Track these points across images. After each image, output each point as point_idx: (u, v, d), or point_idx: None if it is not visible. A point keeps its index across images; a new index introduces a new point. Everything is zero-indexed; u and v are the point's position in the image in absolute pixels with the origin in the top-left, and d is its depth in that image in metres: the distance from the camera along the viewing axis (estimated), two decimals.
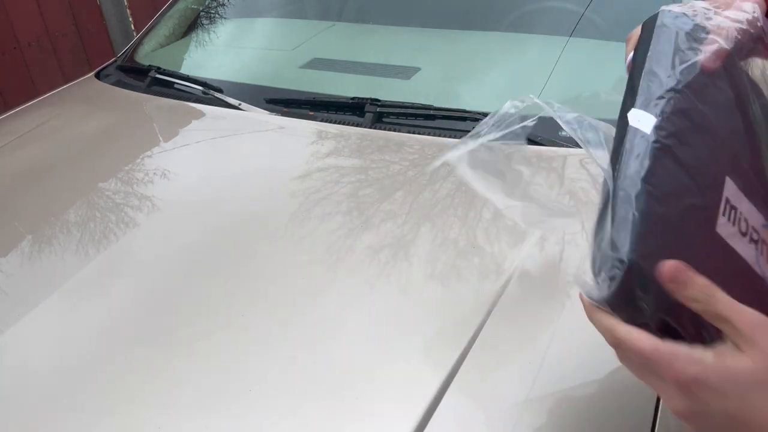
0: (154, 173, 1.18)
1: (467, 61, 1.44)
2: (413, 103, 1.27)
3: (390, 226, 0.97)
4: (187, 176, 1.17)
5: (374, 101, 1.29)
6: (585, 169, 1.07)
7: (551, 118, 0.60)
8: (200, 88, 1.47)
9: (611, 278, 0.48)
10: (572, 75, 1.33)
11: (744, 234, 0.52)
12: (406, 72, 1.40)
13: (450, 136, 1.21)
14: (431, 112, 1.24)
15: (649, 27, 0.60)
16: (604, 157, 0.54)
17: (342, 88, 1.36)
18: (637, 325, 0.47)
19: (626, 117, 0.53)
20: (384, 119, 1.28)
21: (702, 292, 0.45)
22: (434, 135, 1.22)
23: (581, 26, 1.43)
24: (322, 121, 1.30)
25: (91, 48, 3.24)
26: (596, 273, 0.49)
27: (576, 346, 0.74)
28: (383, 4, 1.75)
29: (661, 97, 0.53)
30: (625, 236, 0.47)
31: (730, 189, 0.52)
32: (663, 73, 0.54)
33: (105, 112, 1.49)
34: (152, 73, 1.56)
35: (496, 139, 0.60)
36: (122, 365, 0.77)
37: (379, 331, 0.78)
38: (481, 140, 0.60)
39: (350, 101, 1.31)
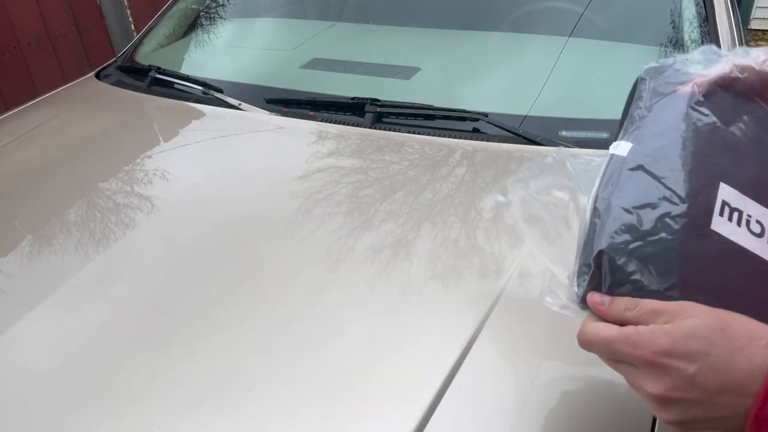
0: (154, 173, 1.18)
1: (467, 61, 1.44)
2: (413, 103, 1.27)
3: (390, 226, 0.97)
4: (187, 176, 1.17)
5: (374, 101, 1.29)
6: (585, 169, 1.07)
7: (552, 119, 0.62)
8: (200, 88, 1.47)
9: (583, 273, 0.55)
10: (572, 75, 1.33)
11: (759, 234, 0.54)
12: (406, 72, 1.40)
13: (450, 136, 1.21)
14: (431, 112, 1.25)
15: (635, 84, 0.65)
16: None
17: (342, 88, 1.36)
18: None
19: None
20: (384, 119, 1.28)
21: (627, 302, 0.50)
22: (434, 135, 1.22)
23: (581, 26, 1.44)
24: (322, 121, 1.30)
25: (91, 48, 3.24)
26: (573, 284, 0.56)
27: (576, 345, 0.74)
28: (383, 4, 1.75)
29: (636, 127, 0.58)
30: (591, 243, 0.54)
31: (727, 192, 0.54)
32: (637, 111, 0.60)
33: (105, 112, 1.49)
34: (152, 73, 1.56)
35: (541, 189, 0.66)
36: (122, 365, 0.77)
37: (379, 331, 0.78)
38: (530, 190, 0.65)
39: (350, 101, 1.31)
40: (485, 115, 1.21)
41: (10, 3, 2.78)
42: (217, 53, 1.69)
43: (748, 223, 0.54)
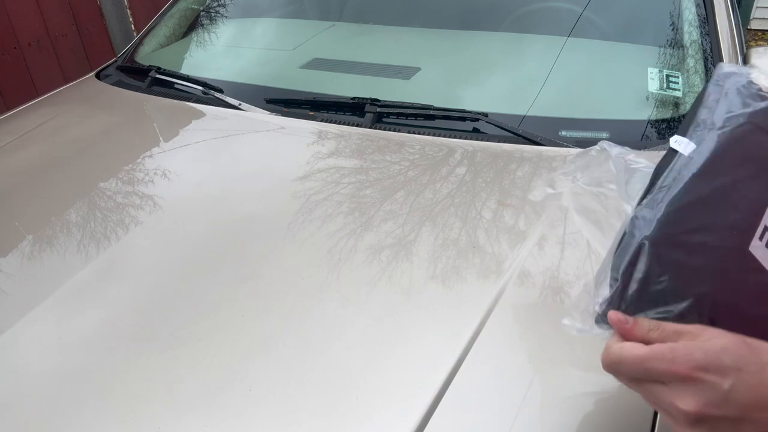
0: (155, 173, 1.18)
1: (467, 61, 1.44)
2: (413, 103, 1.27)
3: (390, 226, 0.97)
4: (187, 176, 1.17)
5: (374, 101, 1.29)
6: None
7: (552, 119, 0.62)
8: (200, 88, 1.47)
9: (615, 280, 0.54)
10: (571, 75, 1.33)
11: None
12: (406, 72, 1.40)
13: (450, 136, 1.21)
14: (431, 112, 1.25)
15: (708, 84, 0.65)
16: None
17: (342, 88, 1.36)
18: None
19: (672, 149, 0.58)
20: (384, 119, 1.28)
21: (650, 323, 0.50)
22: (434, 135, 1.22)
23: (580, 26, 1.44)
24: (322, 121, 1.30)
25: (91, 48, 3.24)
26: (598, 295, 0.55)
27: (576, 345, 0.74)
28: (383, 4, 1.75)
29: (701, 132, 0.58)
30: (626, 254, 0.54)
31: None
32: (704, 115, 0.59)
33: (105, 112, 1.49)
34: (152, 73, 1.56)
35: (591, 182, 0.67)
36: (122, 365, 0.77)
37: (379, 331, 0.78)
38: (580, 182, 0.67)
39: (350, 101, 1.31)
40: (485, 115, 1.21)
41: (10, 3, 2.78)
42: (217, 53, 1.69)
43: None
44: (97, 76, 1.72)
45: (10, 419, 0.71)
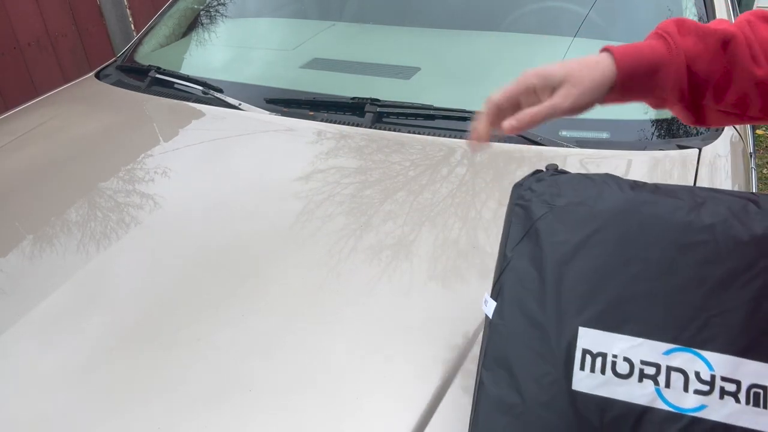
0: (155, 173, 1.18)
1: (467, 61, 1.44)
2: (413, 103, 1.27)
3: (390, 226, 0.97)
4: (188, 176, 1.17)
5: (374, 101, 1.29)
6: (585, 169, 1.07)
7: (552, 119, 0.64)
8: (200, 88, 1.47)
9: None
10: None
11: (627, 374, 0.53)
12: (406, 72, 1.40)
13: (450, 136, 1.21)
14: (431, 112, 1.25)
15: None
16: None
17: (342, 88, 1.36)
18: None
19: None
20: (384, 119, 1.28)
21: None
22: (434, 135, 1.22)
23: (581, 26, 1.43)
24: (322, 121, 1.30)
25: (91, 48, 3.24)
26: None
27: None
28: (383, 4, 1.75)
29: (497, 282, 0.63)
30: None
31: (589, 337, 0.54)
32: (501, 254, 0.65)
33: (105, 112, 1.49)
34: (152, 73, 1.56)
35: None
36: (122, 365, 0.77)
37: (379, 331, 0.78)
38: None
39: (350, 101, 1.31)
40: None
41: (10, 3, 2.78)
42: (217, 53, 1.69)
43: (614, 365, 0.53)
44: (97, 76, 1.72)
45: (10, 419, 0.71)
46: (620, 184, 0.61)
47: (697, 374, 0.52)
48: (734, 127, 1.20)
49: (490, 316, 0.61)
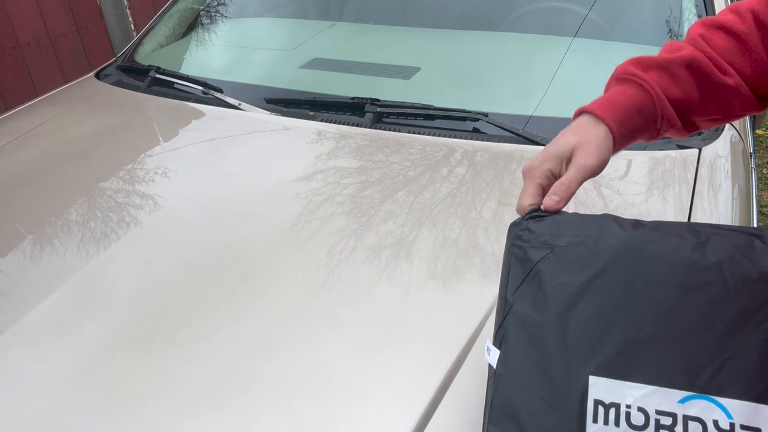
0: (155, 173, 1.18)
1: (467, 61, 1.44)
2: (413, 103, 1.27)
3: (390, 226, 0.97)
4: (188, 176, 1.17)
5: (374, 101, 1.29)
6: None
7: (552, 118, 0.63)
8: (200, 88, 1.47)
9: None
10: (572, 75, 1.33)
11: (642, 426, 0.52)
12: (406, 72, 1.40)
13: (450, 136, 1.21)
14: (431, 112, 1.25)
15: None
16: None
17: (342, 88, 1.36)
18: None
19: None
20: (384, 119, 1.28)
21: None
22: (434, 135, 1.22)
23: (581, 26, 1.43)
24: (322, 121, 1.30)
25: (91, 48, 3.24)
26: None
27: None
28: (383, 4, 1.75)
29: (499, 328, 0.60)
30: None
31: (600, 387, 0.53)
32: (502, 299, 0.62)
33: (105, 112, 1.49)
34: (152, 73, 1.56)
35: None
36: (122, 365, 0.77)
37: (379, 331, 0.78)
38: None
39: (350, 101, 1.31)
40: (485, 115, 1.21)
41: (10, 3, 2.78)
42: (217, 53, 1.69)
43: (628, 417, 0.52)
44: (97, 75, 1.72)
45: (10, 419, 0.71)
46: (621, 223, 0.60)
47: (716, 423, 0.50)
48: (734, 127, 1.20)
49: (494, 366, 0.59)
